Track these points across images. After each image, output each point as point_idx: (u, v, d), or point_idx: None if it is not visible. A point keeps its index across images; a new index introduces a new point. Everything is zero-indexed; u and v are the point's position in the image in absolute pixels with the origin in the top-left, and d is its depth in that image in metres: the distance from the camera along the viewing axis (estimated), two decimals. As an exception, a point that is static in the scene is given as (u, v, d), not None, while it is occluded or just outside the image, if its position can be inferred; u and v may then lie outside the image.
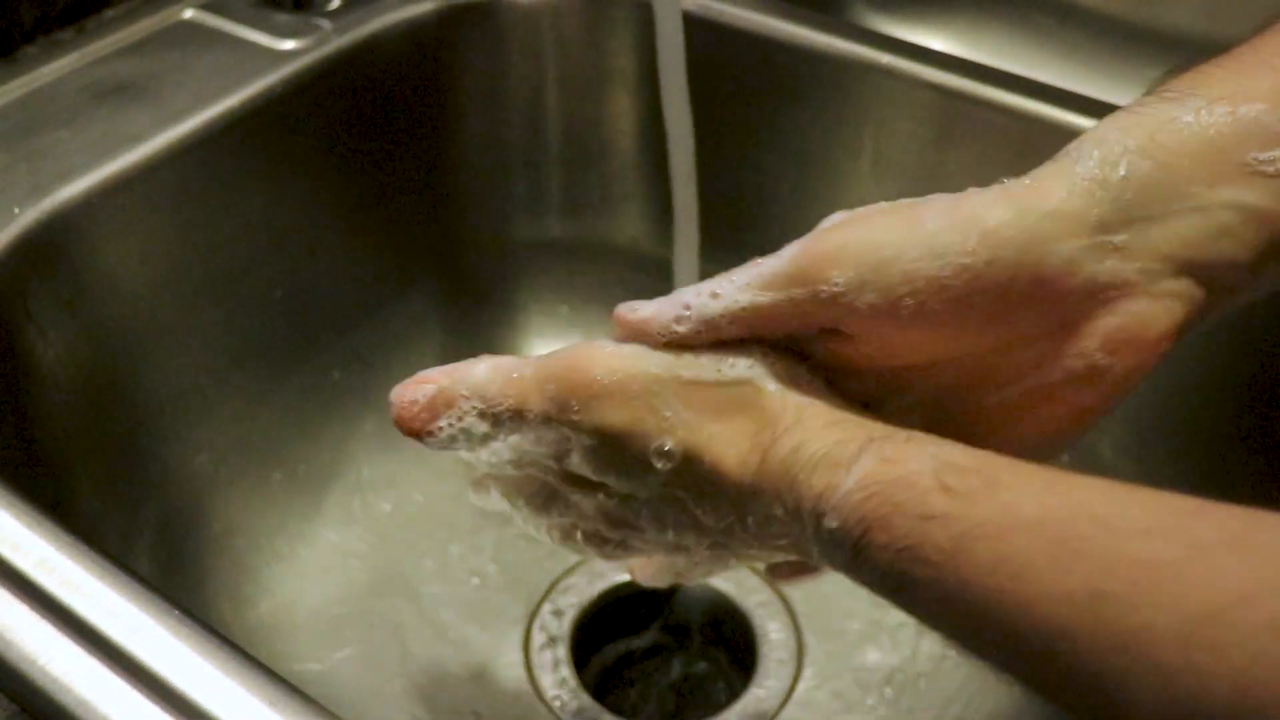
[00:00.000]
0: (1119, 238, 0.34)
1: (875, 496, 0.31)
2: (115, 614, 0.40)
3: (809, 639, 0.67)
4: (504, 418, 0.39)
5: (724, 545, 0.40)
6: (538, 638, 0.67)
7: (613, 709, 0.65)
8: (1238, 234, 0.34)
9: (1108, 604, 0.26)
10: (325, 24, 0.68)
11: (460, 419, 0.40)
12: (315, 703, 0.38)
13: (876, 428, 0.34)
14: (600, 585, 0.70)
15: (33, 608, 0.40)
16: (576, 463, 0.39)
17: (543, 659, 0.66)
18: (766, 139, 0.71)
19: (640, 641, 0.71)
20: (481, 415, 0.40)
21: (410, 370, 0.77)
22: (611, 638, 0.70)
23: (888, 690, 0.65)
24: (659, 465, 0.37)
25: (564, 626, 0.68)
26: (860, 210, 0.37)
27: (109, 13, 0.69)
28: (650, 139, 0.72)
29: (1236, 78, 0.35)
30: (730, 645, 0.69)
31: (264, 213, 0.66)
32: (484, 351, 0.72)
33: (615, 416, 0.37)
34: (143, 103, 0.62)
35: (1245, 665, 0.24)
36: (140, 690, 0.38)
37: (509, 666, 0.66)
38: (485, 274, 0.78)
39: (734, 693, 0.66)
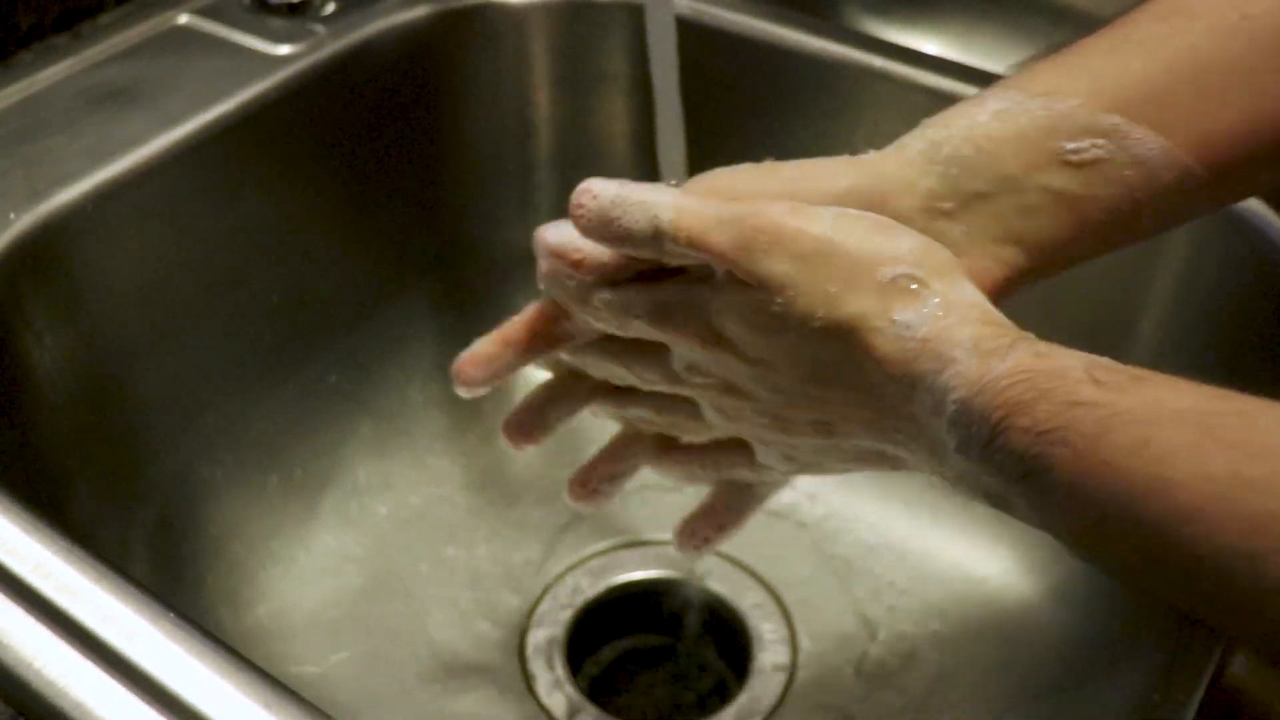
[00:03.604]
0: (947, 204, 0.39)
1: (1024, 382, 0.32)
2: (112, 618, 0.40)
3: (803, 640, 0.67)
4: (672, 242, 0.39)
5: (830, 431, 0.40)
6: (533, 639, 0.68)
7: (608, 710, 0.65)
8: (1050, 213, 0.39)
9: (1248, 489, 0.27)
10: (320, 29, 0.68)
11: (630, 228, 0.40)
12: (312, 705, 0.38)
13: (1028, 333, 0.35)
14: (596, 587, 0.70)
15: (29, 612, 0.40)
16: (718, 310, 0.39)
17: (538, 661, 0.67)
18: (759, 142, 0.70)
19: (636, 643, 0.71)
20: (654, 235, 0.39)
21: (405, 374, 0.78)
22: (607, 639, 0.70)
23: (884, 692, 0.65)
24: (812, 325, 0.37)
25: (560, 628, 0.68)
26: (733, 167, 0.42)
27: (104, 18, 0.69)
28: (643, 142, 0.72)
29: (1056, 75, 0.39)
30: (725, 646, 0.69)
31: (259, 218, 0.66)
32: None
33: (785, 268, 0.37)
34: (138, 108, 0.62)
35: None
36: (137, 694, 0.38)
37: (505, 668, 0.66)
38: (480, 278, 0.78)
39: (729, 694, 0.66)
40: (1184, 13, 0.39)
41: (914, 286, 0.36)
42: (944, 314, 0.35)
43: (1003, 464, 0.33)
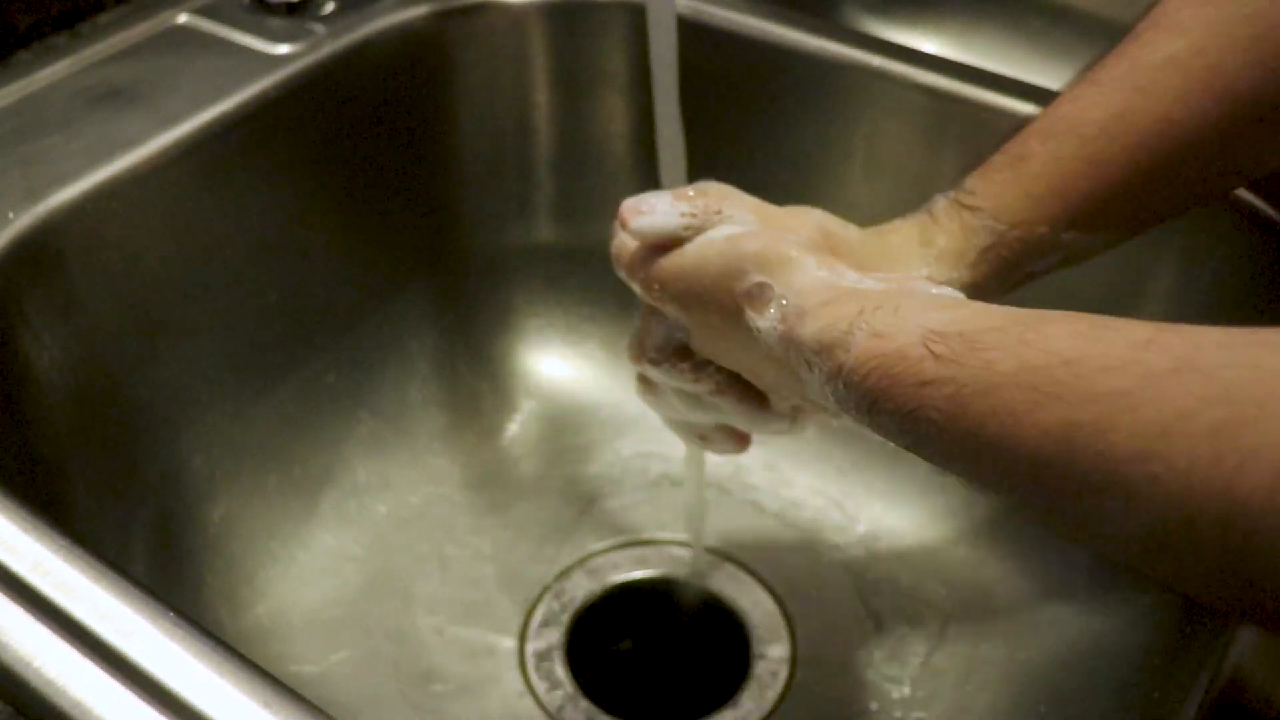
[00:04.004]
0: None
1: (875, 372, 0.37)
2: (110, 616, 0.40)
3: (802, 640, 0.67)
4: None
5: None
6: (533, 639, 0.68)
7: (608, 710, 0.65)
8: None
9: (1079, 433, 0.30)
10: (319, 28, 0.68)
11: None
12: (311, 704, 0.38)
13: (867, 296, 0.40)
14: (595, 587, 0.70)
15: (28, 610, 0.40)
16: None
17: (538, 660, 0.67)
18: (759, 142, 0.71)
19: (635, 643, 0.71)
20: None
21: (404, 373, 0.78)
22: (607, 639, 0.70)
23: (884, 692, 0.65)
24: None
25: (559, 627, 0.68)
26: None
27: (103, 18, 0.69)
28: (642, 142, 0.72)
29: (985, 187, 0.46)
30: (725, 646, 0.69)
31: (258, 217, 0.66)
32: (478, 356, 0.73)
33: (674, 310, 0.47)
34: (137, 107, 0.62)
35: (1186, 468, 0.28)
36: (136, 692, 0.38)
37: (505, 668, 0.66)
38: (478, 277, 0.78)
39: (728, 694, 0.66)
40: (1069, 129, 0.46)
41: (764, 290, 0.42)
42: (791, 308, 0.42)
43: (888, 435, 0.38)
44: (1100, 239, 0.46)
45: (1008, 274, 0.46)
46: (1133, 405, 0.29)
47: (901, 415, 0.36)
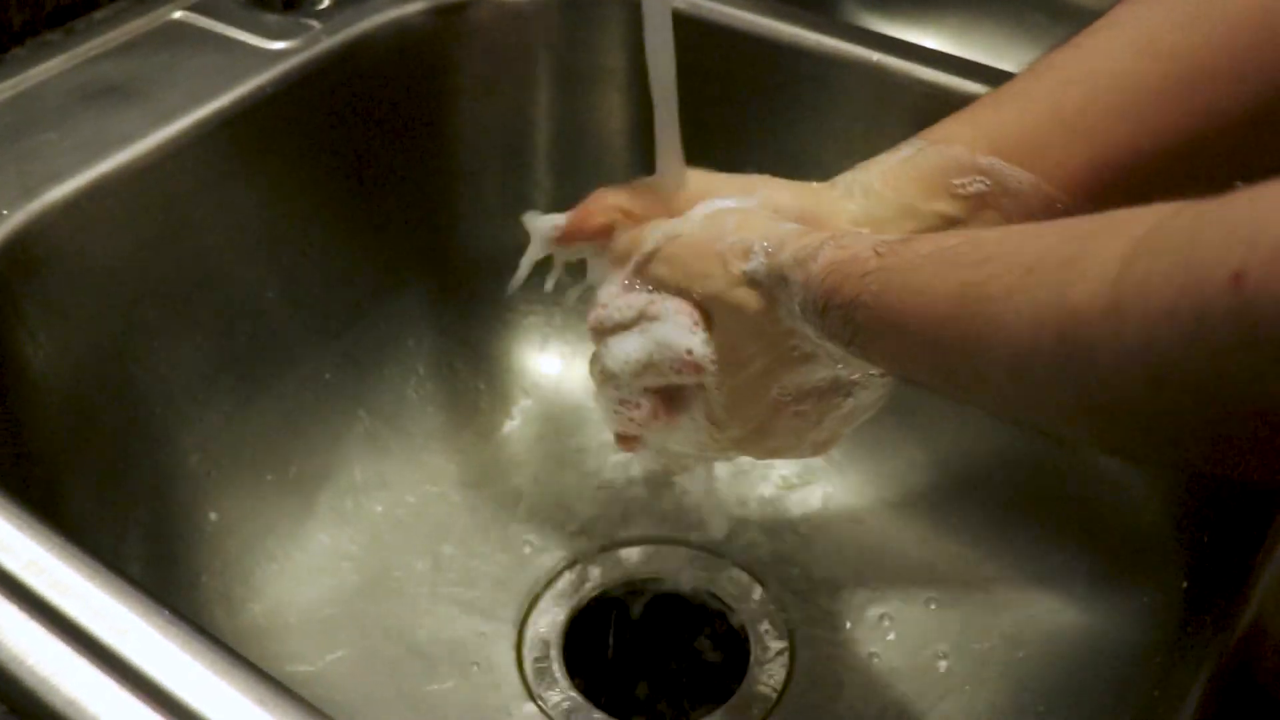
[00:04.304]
0: (863, 227, 0.49)
1: (832, 274, 0.43)
2: (106, 615, 0.40)
3: (800, 641, 0.67)
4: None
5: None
6: (530, 638, 0.67)
7: (605, 710, 0.65)
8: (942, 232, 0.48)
9: (969, 289, 0.37)
10: (315, 24, 0.68)
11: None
12: (307, 703, 0.38)
13: (840, 229, 0.47)
14: (593, 586, 0.70)
15: (23, 609, 0.40)
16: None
17: (535, 660, 0.66)
18: (757, 137, 0.71)
19: (633, 642, 0.71)
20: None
21: (401, 372, 0.77)
22: (605, 638, 0.70)
23: (884, 692, 0.65)
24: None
25: (557, 627, 0.68)
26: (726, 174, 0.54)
27: (98, 14, 0.69)
28: (640, 137, 0.72)
29: (952, 127, 0.49)
30: (723, 645, 0.69)
31: (254, 214, 0.66)
32: (476, 355, 0.73)
33: (661, 271, 0.52)
34: (132, 104, 0.62)
35: (1042, 297, 0.33)
36: (131, 691, 0.38)
37: (502, 667, 0.66)
38: (476, 275, 0.78)
39: (726, 693, 0.66)
40: (1056, 69, 0.48)
41: (743, 245, 0.48)
42: (772, 249, 0.46)
43: (836, 331, 0.43)
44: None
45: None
46: (1010, 263, 0.36)
47: (845, 307, 0.42)
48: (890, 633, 0.67)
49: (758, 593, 0.69)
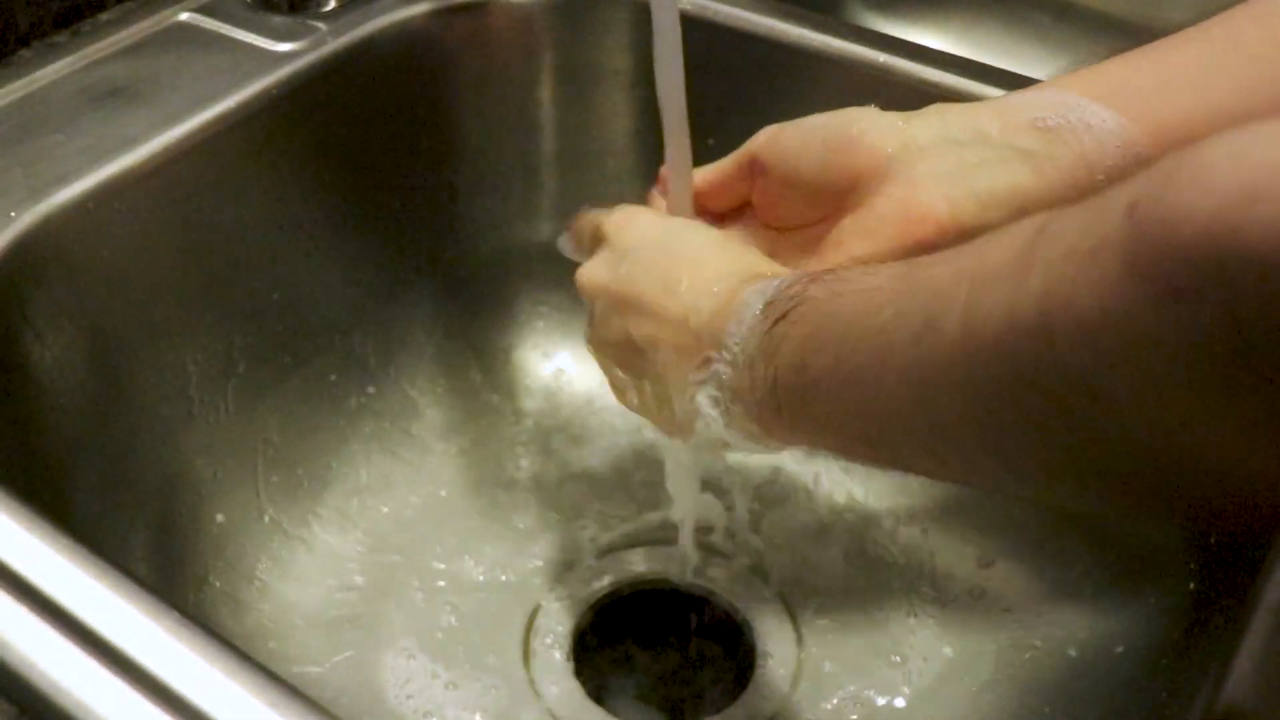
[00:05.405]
0: (922, 142, 0.48)
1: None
2: (114, 616, 0.40)
3: (808, 642, 0.67)
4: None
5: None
6: (536, 639, 0.67)
7: (612, 712, 0.65)
8: (1008, 166, 0.48)
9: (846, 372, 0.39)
10: (321, 26, 0.68)
11: None
12: (315, 704, 0.38)
13: (764, 263, 0.48)
14: (599, 587, 0.70)
15: (31, 610, 0.40)
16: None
17: (542, 661, 0.66)
18: (763, 139, 0.71)
19: (639, 644, 0.71)
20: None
21: (407, 373, 0.77)
22: (610, 639, 0.70)
23: (888, 693, 0.65)
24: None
25: (563, 628, 0.68)
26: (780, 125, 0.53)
27: (104, 16, 0.69)
28: (646, 139, 0.72)
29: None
30: (729, 646, 0.69)
31: (260, 215, 0.66)
32: (481, 355, 0.73)
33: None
34: (138, 106, 0.62)
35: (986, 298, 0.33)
36: (140, 692, 0.38)
37: (508, 669, 0.66)
38: (481, 276, 0.78)
39: (732, 696, 0.66)
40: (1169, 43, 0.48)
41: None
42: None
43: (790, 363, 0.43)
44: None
45: None
46: (929, 279, 0.36)
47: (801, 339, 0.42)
48: (897, 634, 0.67)
49: (766, 595, 0.69)
